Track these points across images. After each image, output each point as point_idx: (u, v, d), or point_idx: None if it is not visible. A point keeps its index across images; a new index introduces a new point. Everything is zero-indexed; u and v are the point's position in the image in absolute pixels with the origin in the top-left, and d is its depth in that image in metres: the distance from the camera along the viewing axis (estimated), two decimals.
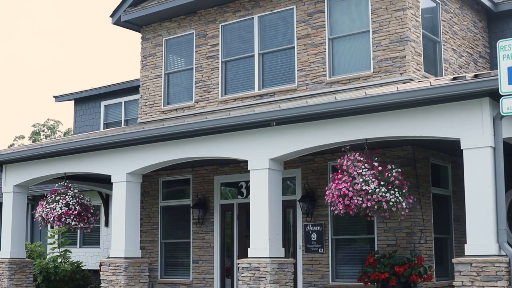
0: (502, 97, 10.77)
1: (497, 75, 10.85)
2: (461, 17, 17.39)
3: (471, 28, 17.84)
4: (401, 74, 15.02)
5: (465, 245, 11.32)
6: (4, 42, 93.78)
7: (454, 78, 12.02)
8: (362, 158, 12.48)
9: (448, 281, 15.05)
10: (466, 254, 11.24)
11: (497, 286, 10.78)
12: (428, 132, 11.97)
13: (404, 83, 14.45)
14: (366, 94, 12.36)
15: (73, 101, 27.28)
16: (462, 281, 11.11)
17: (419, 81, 14.19)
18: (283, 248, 14.05)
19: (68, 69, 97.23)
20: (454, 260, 11.39)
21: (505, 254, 10.97)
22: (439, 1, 16.41)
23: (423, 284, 14.39)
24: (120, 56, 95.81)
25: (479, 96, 11.33)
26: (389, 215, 12.85)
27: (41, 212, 17.22)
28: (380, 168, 12.35)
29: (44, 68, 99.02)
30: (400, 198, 12.28)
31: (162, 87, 19.39)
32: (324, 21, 16.37)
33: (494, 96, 11.17)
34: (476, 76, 11.63)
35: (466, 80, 11.37)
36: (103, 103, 25.95)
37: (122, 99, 25.27)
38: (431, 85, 11.66)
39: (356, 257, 15.33)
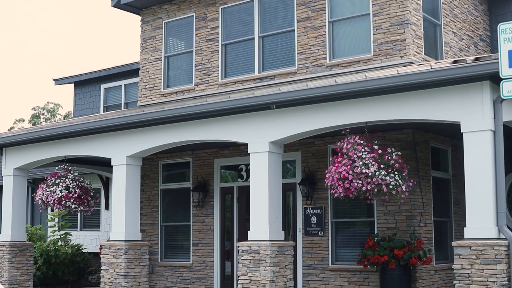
0: (503, 81, 10.76)
1: (498, 59, 10.83)
2: (462, 0, 17.32)
3: (472, 11, 17.78)
4: (401, 57, 14.98)
5: (465, 228, 11.34)
6: (3, 25, 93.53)
7: (455, 62, 11.99)
8: (362, 141, 12.48)
9: (447, 264, 15.10)
10: (465, 237, 11.27)
11: (496, 269, 10.81)
12: (428, 116, 11.96)
13: (405, 66, 14.42)
14: (366, 77, 12.34)
15: (73, 84, 27.24)
16: (462, 264, 11.14)
17: (419, 64, 14.16)
18: (283, 231, 14.08)
19: (68, 52, 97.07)
20: (453, 243, 11.42)
21: (504, 237, 10.99)
22: None
23: (423, 267, 14.44)
24: (120, 39, 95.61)
25: (479, 79, 11.31)
26: (389, 198, 12.87)
27: (41, 195, 17.25)
28: (380, 151, 12.35)
29: (44, 51, 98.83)
30: (400, 181, 12.29)
31: (162, 70, 19.35)
32: (325, 3, 16.31)
33: (495, 79, 11.15)
34: (476, 59, 11.61)
35: (467, 63, 11.34)
36: (103, 86, 25.92)
37: (122, 82, 25.23)
38: (431, 68, 11.63)
39: (355, 240, 15.37)
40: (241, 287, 13.65)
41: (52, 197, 17.02)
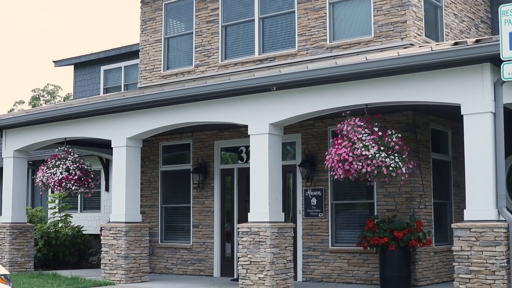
0: (503, 63, 10.74)
1: (499, 41, 10.80)
2: None
3: None
4: (402, 39, 14.94)
5: (464, 210, 11.36)
6: (3, 6, 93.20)
7: (455, 43, 11.97)
8: (362, 123, 12.47)
9: (447, 246, 15.13)
10: (465, 219, 11.29)
11: (495, 251, 10.84)
12: (429, 97, 11.95)
13: (405, 48, 14.39)
14: (366, 59, 12.32)
15: (72, 66, 27.19)
16: (461, 246, 11.17)
17: (420, 46, 14.13)
18: (283, 213, 14.11)
19: (67, 33, 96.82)
20: (453, 225, 11.44)
21: (504, 219, 11.01)
22: None
23: (422, 248, 14.48)
24: (119, 21, 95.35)
25: (480, 61, 11.29)
26: (388, 180, 12.87)
27: (41, 177, 17.26)
28: (380, 133, 12.34)
29: (43, 33, 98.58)
30: (400, 163, 12.29)
31: (162, 52, 19.31)
32: None
33: (495, 61, 11.13)
34: (477, 41, 11.59)
35: (467, 45, 11.32)
36: (103, 68, 25.87)
37: (122, 64, 25.17)
38: (432, 50, 11.61)
39: (355, 222, 15.40)
40: (241, 269, 13.70)
41: (53, 179, 17.04)
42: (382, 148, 12.20)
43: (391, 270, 13.88)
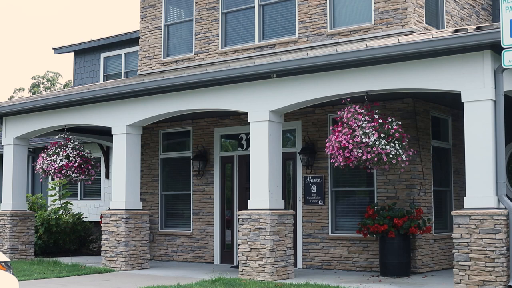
0: (504, 50, 10.72)
1: (499, 28, 10.78)
2: None
3: None
4: (402, 26, 14.91)
5: (464, 197, 11.37)
6: None
7: (456, 31, 11.94)
8: (362, 111, 12.47)
9: (446, 233, 15.16)
10: (465, 206, 11.30)
11: (495, 239, 10.86)
12: (429, 85, 11.93)
13: (406, 35, 14.36)
14: (367, 46, 12.30)
15: (72, 53, 27.15)
16: (461, 233, 11.18)
17: (420, 33, 14.10)
18: (283, 200, 14.13)
19: (67, 20, 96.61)
20: (453, 213, 11.46)
21: (504, 207, 11.03)
22: None
23: (422, 236, 14.50)
24: (119, 8, 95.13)
25: (480, 48, 11.27)
26: (388, 168, 12.88)
27: (41, 164, 17.27)
28: (380, 120, 12.34)
29: (43, 20, 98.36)
30: (400, 150, 12.29)
31: (162, 39, 19.27)
32: None
33: (496, 49, 11.11)
34: (478, 28, 11.55)
35: (468, 32, 11.29)
36: (103, 55, 25.83)
37: (122, 51, 25.14)
38: (432, 38, 11.59)
39: (355, 209, 15.42)
40: (241, 256, 13.72)
41: (53, 166, 17.05)
42: (382, 135, 12.20)
43: (391, 257, 13.90)
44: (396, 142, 12.29)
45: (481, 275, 10.93)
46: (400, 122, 12.61)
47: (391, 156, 12.23)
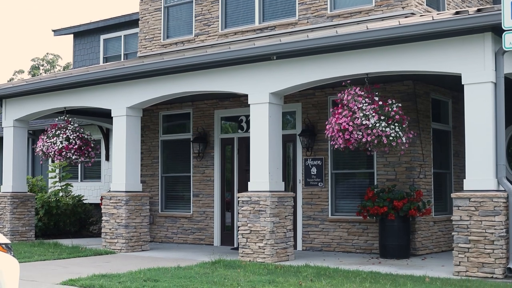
0: (505, 32, 10.69)
1: (500, 10, 10.74)
2: None
3: None
4: (403, 8, 14.85)
5: (464, 180, 11.38)
6: None
7: (457, 13, 11.90)
8: (362, 93, 12.44)
9: (446, 216, 15.19)
10: (464, 189, 11.31)
11: (494, 221, 10.87)
12: (430, 67, 11.90)
13: (406, 17, 14.31)
14: (367, 28, 12.26)
15: (72, 35, 27.09)
16: (460, 216, 11.20)
17: (421, 16, 14.05)
18: (283, 182, 14.14)
19: (67, 2, 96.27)
20: (452, 195, 11.47)
21: (503, 189, 11.04)
22: None
23: (422, 218, 14.53)
24: None
25: (481, 31, 11.23)
26: (388, 150, 12.88)
27: (41, 147, 17.26)
28: (380, 102, 12.32)
29: (42, 1, 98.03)
30: (400, 133, 12.28)
31: (161, 21, 19.21)
32: None
33: (497, 31, 11.07)
34: (479, 10, 11.51)
35: (469, 14, 11.25)
36: (102, 37, 25.76)
37: (122, 33, 25.07)
38: (433, 20, 11.55)
39: (355, 191, 15.44)
40: (241, 238, 13.75)
41: (53, 148, 17.05)
42: (382, 117, 12.18)
43: (391, 239, 13.94)
44: (396, 124, 12.28)
45: (481, 257, 10.96)
46: (400, 104, 12.59)
47: (391, 138, 12.23)
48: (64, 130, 17.20)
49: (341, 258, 14.05)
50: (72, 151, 17.06)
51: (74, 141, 17.09)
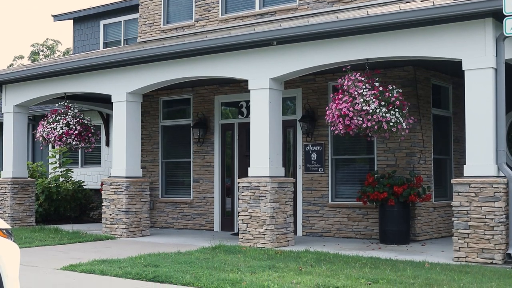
0: (506, 18, 10.66)
1: None
2: None
3: None
4: None
5: (464, 166, 11.38)
6: None
7: None
8: (363, 78, 12.43)
9: (446, 201, 15.20)
10: (464, 174, 11.32)
11: (494, 207, 10.88)
12: (430, 53, 11.88)
13: (407, 2, 14.25)
14: (368, 14, 12.22)
15: (72, 21, 27.01)
16: (460, 202, 11.21)
17: (421, 1, 13.98)
18: (283, 168, 14.15)
19: None
20: (452, 181, 11.48)
21: (503, 175, 11.04)
22: None
23: (422, 204, 14.54)
24: None
25: (482, 16, 11.19)
26: (389, 136, 12.88)
27: (42, 132, 17.26)
28: (381, 88, 12.31)
29: None
30: (400, 118, 12.27)
31: (161, 6, 19.16)
32: None
33: (498, 16, 11.04)
34: None
35: (470, 0, 11.22)
36: (102, 22, 25.70)
37: (122, 18, 25.00)
38: (433, 5, 11.51)
39: (355, 177, 15.45)
40: (241, 223, 13.78)
41: (53, 133, 17.05)
42: (382, 103, 12.17)
43: (391, 225, 13.96)
44: (396, 110, 12.27)
45: (480, 243, 10.98)
46: (400, 90, 12.58)
47: (391, 124, 12.22)
48: (64, 115, 17.19)
49: (341, 244, 14.07)
50: (72, 137, 17.06)
51: (74, 127, 17.09)
